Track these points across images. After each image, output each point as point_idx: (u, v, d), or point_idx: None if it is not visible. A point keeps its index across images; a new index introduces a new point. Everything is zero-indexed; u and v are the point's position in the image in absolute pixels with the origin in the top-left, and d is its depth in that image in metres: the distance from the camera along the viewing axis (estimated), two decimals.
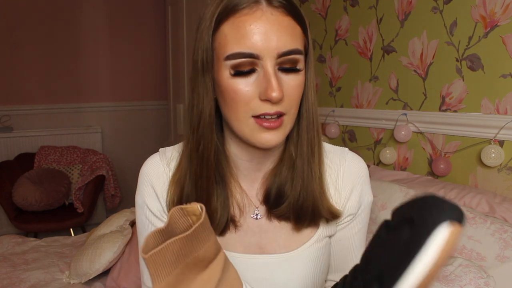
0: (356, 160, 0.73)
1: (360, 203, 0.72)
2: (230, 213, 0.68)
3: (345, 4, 2.21)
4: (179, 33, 3.03)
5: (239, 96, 0.58)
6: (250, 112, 0.58)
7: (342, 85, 2.29)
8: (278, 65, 0.58)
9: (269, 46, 0.56)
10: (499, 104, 1.48)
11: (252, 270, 0.68)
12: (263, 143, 0.60)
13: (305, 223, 0.68)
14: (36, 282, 1.49)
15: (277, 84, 0.56)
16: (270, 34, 0.56)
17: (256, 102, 0.58)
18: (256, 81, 0.58)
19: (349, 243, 0.74)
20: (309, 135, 0.66)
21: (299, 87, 0.60)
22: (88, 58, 3.49)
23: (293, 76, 0.59)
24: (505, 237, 1.17)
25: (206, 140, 0.64)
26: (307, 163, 0.66)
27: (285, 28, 0.57)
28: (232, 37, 0.57)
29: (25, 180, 2.81)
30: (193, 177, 0.65)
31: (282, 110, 0.59)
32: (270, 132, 0.59)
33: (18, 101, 3.29)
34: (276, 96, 0.56)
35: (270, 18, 0.56)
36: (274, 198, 0.68)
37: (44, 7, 3.27)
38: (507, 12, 1.43)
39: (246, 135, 0.61)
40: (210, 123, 0.63)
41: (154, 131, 3.80)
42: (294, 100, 0.60)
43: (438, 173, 1.65)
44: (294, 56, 0.58)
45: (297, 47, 0.58)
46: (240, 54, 0.56)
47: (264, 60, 0.57)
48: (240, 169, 0.70)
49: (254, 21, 0.56)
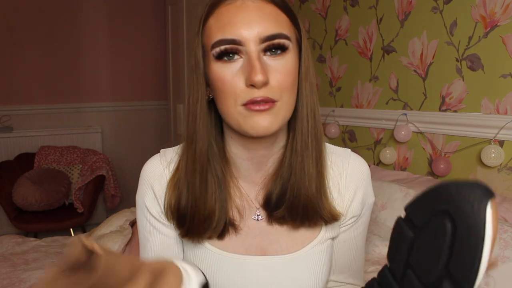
0: (359, 161, 0.73)
1: (363, 204, 0.72)
2: (229, 216, 0.67)
3: (345, 4, 2.21)
4: (179, 33, 3.03)
5: (226, 85, 0.59)
6: (239, 100, 0.58)
7: (342, 85, 2.29)
8: (263, 51, 0.58)
9: (251, 32, 0.56)
10: (499, 104, 1.48)
11: (254, 272, 0.68)
12: (254, 127, 0.59)
13: (301, 223, 0.67)
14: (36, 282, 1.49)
15: (260, 67, 0.56)
16: (251, 20, 0.57)
17: (243, 89, 0.58)
18: (241, 68, 0.58)
19: (353, 244, 0.74)
20: (303, 128, 0.64)
21: (289, 74, 0.59)
22: (88, 58, 3.49)
23: (280, 61, 0.59)
24: (505, 237, 1.17)
25: (200, 136, 0.64)
26: (301, 157, 0.65)
27: (267, 14, 0.58)
28: (216, 27, 0.59)
29: (25, 180, 2.81)
30: (190, 179, 0.65)
31: (270, 96, 0.58)
32: (261, 114, 0.58)
33: (18, 101, 3.29)
34: (259, 80, 0.55)
35: (251, 5, 0.57)
36: (275, 203, 0.67)
37: (44, 7, 3.27)
38: (507, 12, 1.43)
39: (238, 123, 0.60)
40: (203, 118, 0.64)
41: (154, 131, 3.80)
42: (285, 87, 0.59)
43: (438, 173, 1.65)
44: (279, 40, 0.58)
45: (281, 31, 0.58)
46: (223, 40, 0.58)
47: (247, 45, 0.57)
48: (240, 170, 0.70)
49: (235, 10, 0.58)
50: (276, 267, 0.68)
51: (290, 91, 0.60)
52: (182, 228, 0.67)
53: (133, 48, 3.62)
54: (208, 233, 0.66)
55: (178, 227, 0.69)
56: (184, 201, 0.66)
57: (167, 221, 0.70)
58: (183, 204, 0.66)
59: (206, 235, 0.66)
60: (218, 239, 0.68)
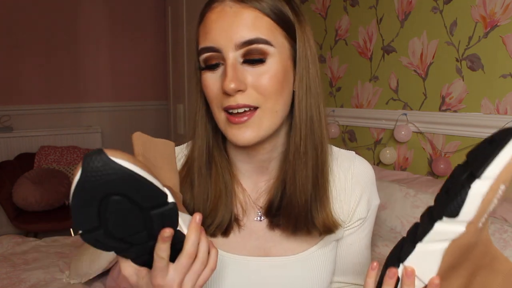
0: (364, 164, 0.73)
1: (369, 207, 0.72)
2: (234, 212, 0.68)
3: (345, 4, 2.21)
4: (179, 33, 3.03)
5: (208, 90, 0.60)
6: (219, 105, 0.59)
7: (342, 85, 2.29)
8: (242, 57, 0.58)
9: (226, 39, 0.57)
10: (499, 104, 1.48)
11: (257, 273, 0.68)
12: (233, 140, 0.59)
13: (302, 230, 0.66)
14: (36, 282, 1.49)
15: (232, 74, 0.56)
16: (226, 27, 0.57)
17: (221, 95, 0.59)
18: (221, 75, 0.59)
19: (359, 246, 0.74)
20: (296, 138, 0.62)
21: (272, 79, 0.58)
22: (88, 58, 3.49)
23: (261, 67, 0.58)
24: (505, 237, 1.17)
25: (198, 134, 0.66)
26: (292, 168, 0.63)
27: (243, 19, 0.57)
28: (201, 34, 0.60)
29: (25, 180, 2.81)
30: (195, 176, 0.66)
31: (248, 103, 0.57)
32: (240, 128, 0.58)
33: (18, 101, 3.29)
34: (230, 88, 0.56)
35: (228, 11, 0.57)
36: (275, 209, 0.67)
37: (44, 7, 3.27)
38: (507, 12, 1.43)
39: (224, 131, 0.61)
40: (201, 119, 0.66)
41: (154, 131, 3.80)
42: (267, 93, 0.58)
43: (438, 173, 1.65)
44: (256, 45, 0.57)
45: (258, 36, 0.57)
46: (204, 49, 0.59)
47: (225, 52, 0.57)
48: (242, 171, 0.70)
49: (214, 16, 0.58)
50: (279, 269, 0.68)
51: (275, 97, 0.58)
52: None
53: (133, 48, 3.62)
54: (212, 229, 0.66)
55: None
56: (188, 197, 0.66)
57: None
58: (187, 200, 0.66)
59: (210, 232, 0.66)
60: (223, 236, 0.68)
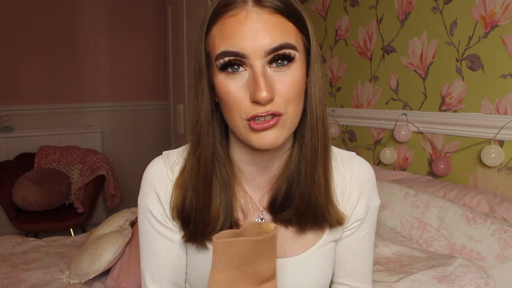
0: (364, 165, 0.73)
1: (368, 208, 0.72)
2: (234, 217, 0.67)
3: (345, 4, 2.21)
4: (179, 33, 3.03)
5: (230, 98, 0.58)
6: (244, 115, 0.58)
7: (342, 85, 2.29)
8: (269, 64, 0.57)
9: (255, 45, 0.55)
10: (499, 104, 1.48)
11: None
12: (260, 143, 0.58)
13: (309, 227, 0.67)
14: (36, 282, 1.49)
15: (265, 84, 0.55)
16: (255, 33, 0.55)
17: (247, 104, 0.57)
18: (246, 82, 0.57)
19: (358, 247, 0.74)
20: (313, 137, 0.63)
21: (295, 85, 0.58)
22: (88, 58, 3.49)
23: (286, 73, 0.57)
24: (505, 237, 1.17)
25: (204, 143, 0.64)
26: (310, 166, 0.64)
27: (272, 26, 0.56)
28: (220, 38, 0.57)
29: (25, 180, 2.81)
30: (194, 181, 0.65)
31: (275, 110, 0.57)
32: (265, 131, 0.58)
33: (18, 101, 3.29)
34: (264, 97, 0.54)
35: (255, 17, 0.56)
36: (280, 205, 0.67)
37: (44, 7, 3.27)
38: (507, 12, 1.43)
39: (242, 136, 0.60)
40: (207, 126, 0.63)
41: (154, 131, 3.80)
42: (290, 99, 0.58)
43: (438, 173, 1.65)
44: (284, 51, 0.56)
45: (286, 41, 0.56)
46: (227, 53, 0.56)
47: (252, 59, 0.56)
48: (245, 174, 0.69)
49: (239, 22, 0.56)
50: (279, 270, 0.68)
51: (296, 102, 0.59)
52: (187, 229, 0.67)
53: (133, 48, 3.62)
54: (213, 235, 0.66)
55: (182, 228, 0.68)
56: (188, 204, 0.66)
57: (171, 224, 0.69)
58: (187, 207, 0.66)
59: (211, 238, 0.66)
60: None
